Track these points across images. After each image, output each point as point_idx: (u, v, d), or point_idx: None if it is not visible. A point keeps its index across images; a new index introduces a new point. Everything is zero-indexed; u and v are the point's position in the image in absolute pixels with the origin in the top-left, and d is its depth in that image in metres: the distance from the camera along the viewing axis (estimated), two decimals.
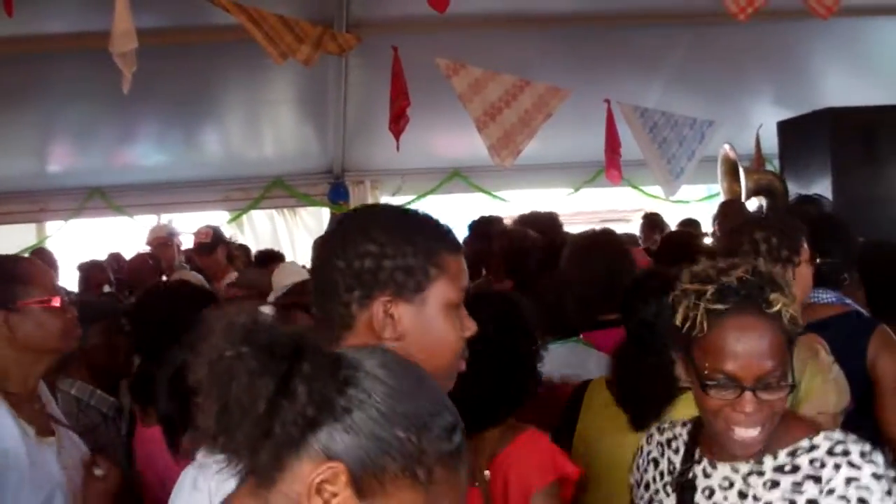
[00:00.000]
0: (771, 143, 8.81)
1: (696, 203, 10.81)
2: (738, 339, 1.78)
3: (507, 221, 6.93)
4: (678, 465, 1.99)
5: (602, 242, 4.08)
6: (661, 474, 2.04)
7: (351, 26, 7.19)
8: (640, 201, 11.39)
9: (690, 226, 9.05)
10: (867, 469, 1.72)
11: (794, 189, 7.81)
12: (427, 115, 7.86)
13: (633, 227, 11.27)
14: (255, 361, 1.23)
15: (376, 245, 1.67)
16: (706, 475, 1.92)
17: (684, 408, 2.66)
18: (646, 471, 2.09)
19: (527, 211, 6.41)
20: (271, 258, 8.01)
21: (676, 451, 2.02)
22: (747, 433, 1.79)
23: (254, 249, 9.23)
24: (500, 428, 2.33)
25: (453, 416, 1.32)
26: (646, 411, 2.70)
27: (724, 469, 1.89)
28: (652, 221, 10.11)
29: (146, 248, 8.20)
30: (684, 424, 2.06)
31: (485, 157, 7.71)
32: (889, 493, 1.71)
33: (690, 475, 1.95)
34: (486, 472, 2.26)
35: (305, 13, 6.65)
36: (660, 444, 2.08)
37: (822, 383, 2.79)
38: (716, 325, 1.81)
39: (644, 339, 2.77)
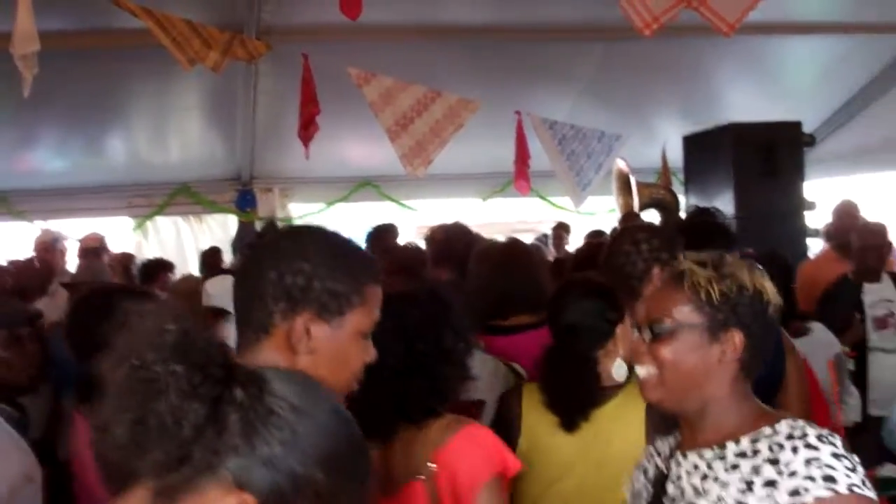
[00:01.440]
0: (676, 156, 8.98)
1: (602, 215, 10.95)
2: (648, 292, 2.11)
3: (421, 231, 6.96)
4: (662, 465, 2.09)
5: (515, 249, 4.13)
6: (648, 478, 2.14)
7: (261, 33, 7.13)
8: (548, 212, 11.51)
9: (599, 237, 9.17)
10: (826, 449, 1.79)
11: (699, 202, 7.97)
12: (338, 123, 7.83)
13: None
14: (188, 383, 1.18)
15: (310, 265, 1.77)
16: (678, 465, 2.02)
17: (615, 408, 2.72)
18: (637, 479, 2.18)
19: (437, 222, 6.44)
20: (159, 268, 7.92)
21: (661, 455, 2.13)
22: (637, 370, 2.03)
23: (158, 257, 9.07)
24: (442, 421, 2.33)
25: (368, 460, 1.31)
26: (574, 413, 2.77)
27: (692, 457, 1.98)
28: (564, 229, 10.59)
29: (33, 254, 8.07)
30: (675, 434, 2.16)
31: (395, 166, 7.71)
32: (853, 469, 1.77)
33: (666, 468, 2.05)
34: (432, 465, 2.26)
35: (215, 19, 6.57)
36: (650, 454, 2.18)
37: None
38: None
39: (567, 343, 2.82)
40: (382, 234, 6.52)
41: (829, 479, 1.74)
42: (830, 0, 8.65)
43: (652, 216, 8.53)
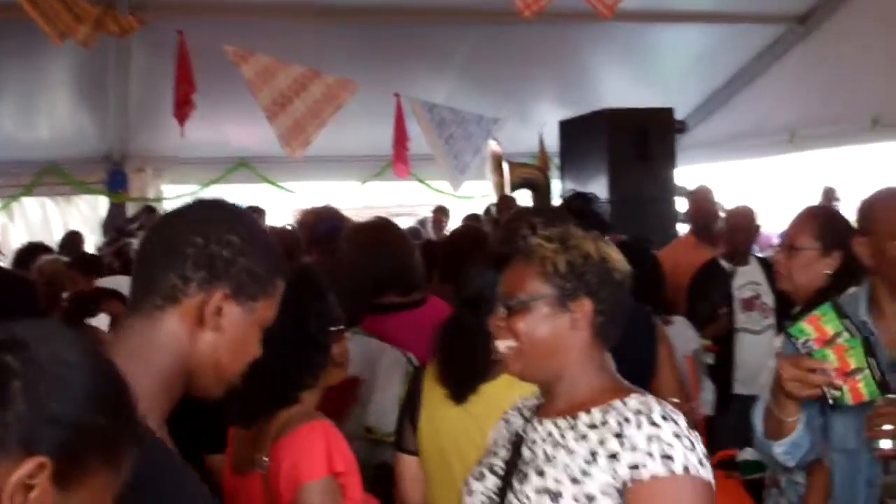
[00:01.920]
0: (553, 141, 9.11)
1: (480, 198, 11.02)
2: (503, 273, 2.15)
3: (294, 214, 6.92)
4: (521, 426, 2.14)
5: (381, 228, 4.13)
6: (508, 432, 2.18)
7: (134, 8, 6.94)
8: (427, 196, 11.55)
9: (475, 219, 9.26)
10: (668, 427, 1.87)
11: (574, 186, 8.11)
12: (215, 102, 7.71)
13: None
14: None
15: (240, 240, 1.70)
16: (534, 430, 2.08)
17: (506, 381, 2.72)
18: (499, 429, 2.24)
19: (314, 205, 6.43)
20: (38, 252, 7.64)
21: (523, 415, 2.18)
22: (496, 344, 2.08)
23: (25, 240, 8.75)
24: (289, 413, 2.30)
25: (133, 393, 1.28)
26: (461, 385, 2.77)
27: (548, 425, 2.05)
28: (443, 213, 10.72)
29: None
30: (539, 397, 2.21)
31: (273, 147, 7.63)
32: (691, 449, 1.85)
33: (523, 431, 2.11)
34: (265, 458, 2.24)
35: None
36: (516, 409, 2.24)
37: None
38: None
39: (465, 315, 2.82)
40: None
41: (667, 457, 1.83)
42: None
43: (524, 196, 8.69)
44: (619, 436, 1.89)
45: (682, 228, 8.16)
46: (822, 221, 3.32)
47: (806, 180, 10.18)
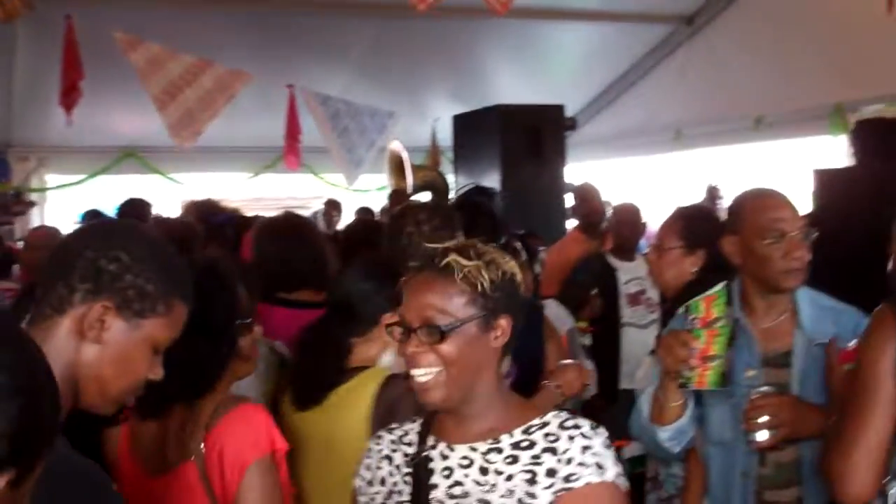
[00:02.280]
0: (447, 135, 9.16)
1: (375, 192, 11.02)
2: (411, 291, 1.99)
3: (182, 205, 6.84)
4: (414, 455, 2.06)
5: (297, 223, 4.13)
6: (398, 467, 2.09)
7: None
8: (320, 188, 11.49)
9: (368, 213, 9.28)
10: (598, 439, 1.92)
11: (467, 181, 8.15)
12: (103, 90, 7.55)
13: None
14: None
15: (129, 257, 1.76)
16: (444, 457, 2.01)
17: (345, 391, 2.72)
18: (379, 468, 2.13)
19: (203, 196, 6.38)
20: None
21: (410, 444, 2.09)
22: (417, 374, 1.96)
23: None
24: (213, 398, 2.28)
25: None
26: (307, 393, 2.76)
27: (462, 450, 1.99)
28: (335, 207, 10.79)
29: None
30: (414, 420, 2.13)
31: (161, 137, 7.51)
32: (616, 459, 1.92)
33: (427, 460, 2.02)
34: (202, 445, 2.21)
35: None
36: (392, 441, 2.14)
37: None
38: (405, 284, 2.02)
39: (326, 322, 2.81)
40: (134, 209, 6.31)
41: (600, 466, 1.88)
42: None
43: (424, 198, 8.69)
44: (552, 451, 1.90)
45: (572, 224, 8.30)
46: (687, 222, 3.47)
47: (691, 178, 10.42)
